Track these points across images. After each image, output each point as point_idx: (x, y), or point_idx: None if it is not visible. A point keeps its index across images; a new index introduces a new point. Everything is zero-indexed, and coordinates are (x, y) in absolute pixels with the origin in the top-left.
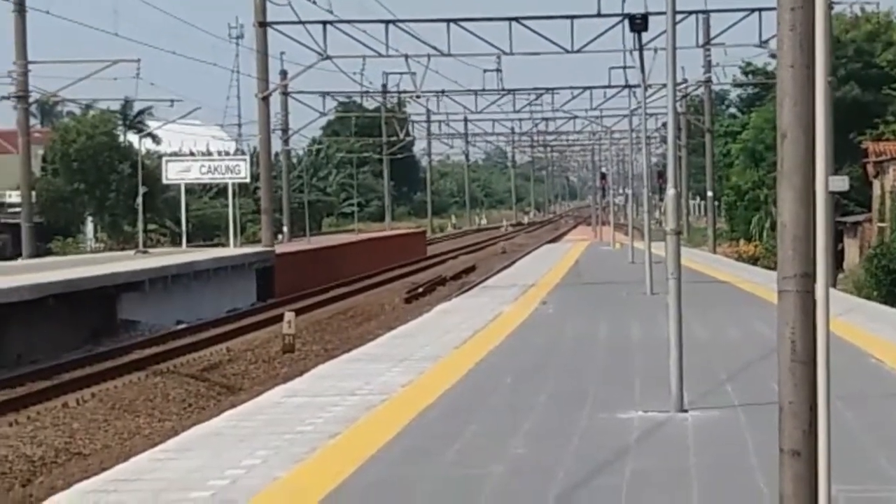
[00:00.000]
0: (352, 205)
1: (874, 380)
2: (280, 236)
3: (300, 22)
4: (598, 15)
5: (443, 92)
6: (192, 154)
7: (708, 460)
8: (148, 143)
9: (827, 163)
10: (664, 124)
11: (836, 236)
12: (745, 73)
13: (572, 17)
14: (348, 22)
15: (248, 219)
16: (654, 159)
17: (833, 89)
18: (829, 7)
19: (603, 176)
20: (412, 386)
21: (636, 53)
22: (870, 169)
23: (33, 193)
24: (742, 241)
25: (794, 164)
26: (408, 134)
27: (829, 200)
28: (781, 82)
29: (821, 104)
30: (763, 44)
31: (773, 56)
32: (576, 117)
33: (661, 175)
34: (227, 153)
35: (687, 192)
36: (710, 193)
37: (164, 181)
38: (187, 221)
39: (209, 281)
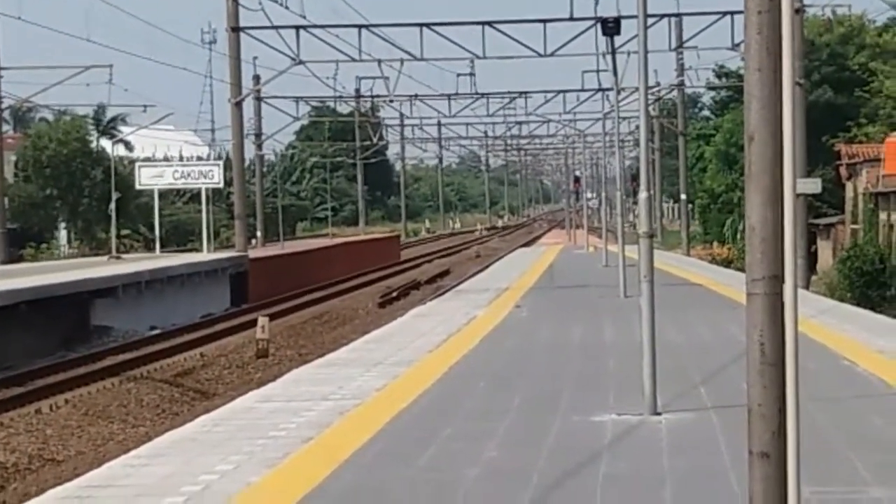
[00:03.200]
0: (325, 209)
1: (846, 381)
2: (254, 241)
3: (273, 27)
4: (571, 18)
5: (416, 96)
6: (165, 159)
7: (682, 462)
8: (120, 149)
9: (795, 165)
10: (637, 127)
11: (809, 238)
12: (719, 76)
13: (545, 21)
14: (321, 27)
15: (222, 224)
16: (627, 162)
17: (806, 92)
18: (800, 11)
19: (576, 179)
20: (386, 390)
21: (609, 57)
22: (842, 171)
23: (6, 199)
24: (715, 244)
25: (762, 167)
26: (381, 138)
27: (797, 203)
28: (748, 85)
29: (788, 107)
30: (735, 47)
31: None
32: (549, 121)
33: (635, 178)
34: (201, 158)
35: (660, 195)
36: (683, 196)
37: (137, 187)
38: (160, 227)
39: (183, 286)
